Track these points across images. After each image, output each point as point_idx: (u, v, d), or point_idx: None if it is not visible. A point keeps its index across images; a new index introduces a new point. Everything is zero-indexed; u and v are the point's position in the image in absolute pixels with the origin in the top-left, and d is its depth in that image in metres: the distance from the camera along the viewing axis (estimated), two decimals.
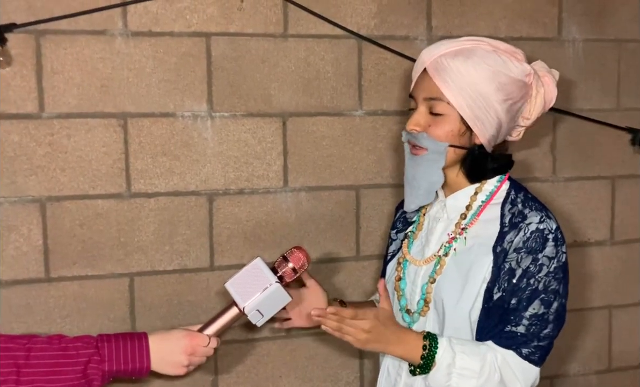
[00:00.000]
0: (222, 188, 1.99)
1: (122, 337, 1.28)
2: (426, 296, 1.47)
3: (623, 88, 2.31)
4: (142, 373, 1.28)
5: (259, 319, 1.38)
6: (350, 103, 2.06)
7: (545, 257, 1.38)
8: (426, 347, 1.36)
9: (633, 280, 2.38)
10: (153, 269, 1.95)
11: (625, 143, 2.32)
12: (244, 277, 1.39)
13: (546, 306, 1.37)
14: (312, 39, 2.01)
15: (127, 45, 1.88)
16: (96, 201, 1.90)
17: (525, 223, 1.40)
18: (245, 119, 1.99)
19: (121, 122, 1.90)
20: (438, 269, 1.46)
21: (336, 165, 2.06)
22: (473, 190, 1.50)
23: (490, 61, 1.42)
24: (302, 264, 1.44)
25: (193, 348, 1.32)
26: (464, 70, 1.40)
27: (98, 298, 1.92)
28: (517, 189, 1.49)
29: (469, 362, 1.35)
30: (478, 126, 1.43)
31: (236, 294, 1.37)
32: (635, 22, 2.29)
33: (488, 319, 1.39)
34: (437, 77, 1.42)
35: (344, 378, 2.14)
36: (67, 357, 1.20)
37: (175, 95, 1.93)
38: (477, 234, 1.45)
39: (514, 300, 1.37)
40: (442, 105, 1.42)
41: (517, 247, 1.38)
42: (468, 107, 1.41)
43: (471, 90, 1.40)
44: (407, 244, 1.58)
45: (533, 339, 1.37)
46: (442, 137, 1.43)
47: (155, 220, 1.95)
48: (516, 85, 1.44)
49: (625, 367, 2.41)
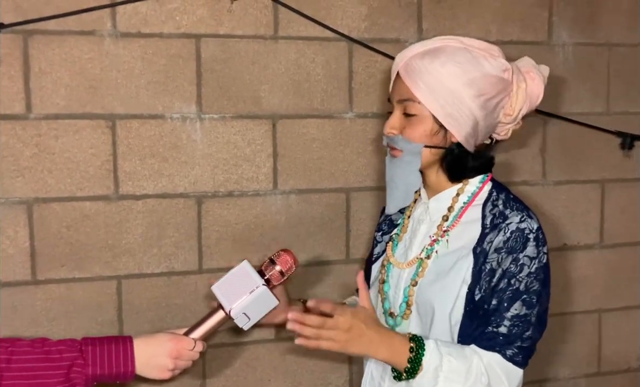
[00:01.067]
0: (211, 190, 1.98)
1: (106, 341, 1.26)
2: (408, 299, 1.45)
3: (613, 92, 2.31)
4: (127, 377, 1.26)
5: (246, 322, 1.36)
6: (341, 105, 2.06)
7: (526, 257, 1.36)
8: (413, 350, 1.32)
9: (623, 284, 2.39)
10: (141, 271, 1.94)
11: (614, 147, 2.32)
12: (231, 280, 1.38)
13: (528, 307, 1.35)
14: (302, 41, 2.01)
15: (116, 46, 1.87)
16: (84, 202, 1.88)
17: (505, 223, 1.38)
18: (234, 121, 1.98)
19: (109, 124, 1.88)
20: (420, 271, 1.44)
21: (326, 167, 2.06)
22: (455, 191, 1.49)
23: (458, 58, 1.40)
24: (290, 267, 1.42)
25: (178, 352, 1.30)
26: (432, 69, 1.39)
27: (85, 301, 1.90)
28: (499, 190, 1.47)
29: (456, 365, 1.32)
30: (452, 124, 1.41)
31: (222, 297, 1.36)
32: (625, 26, 2.30)
33: (470, 322, 1.37)
34: (407, 79, 1.42)
35: (333, 382, 2.13)
36: (50, 360, 1.18)
37: (164, 96, 1.92)
38: (458, 236, 1.44)
39: (495, 301, 1.35)
40: (414, 106, 1.42)
41: (498, 247, 1.37)
42: (439, 105, 1.40)
43: (441, 89, 1.39)
44: (392, 246, 1.57)
45: (516, 340, 1.35)
46: (417, 138, 1.42)
47: (143, 222, 1.93)
48: (488, 80, 1.41)
49: (615, 371, 2.41)
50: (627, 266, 2.38)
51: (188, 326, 1.45)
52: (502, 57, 1.46)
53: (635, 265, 2.39)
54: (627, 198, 2.36)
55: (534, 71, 1.49)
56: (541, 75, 1.50)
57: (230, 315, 1.34)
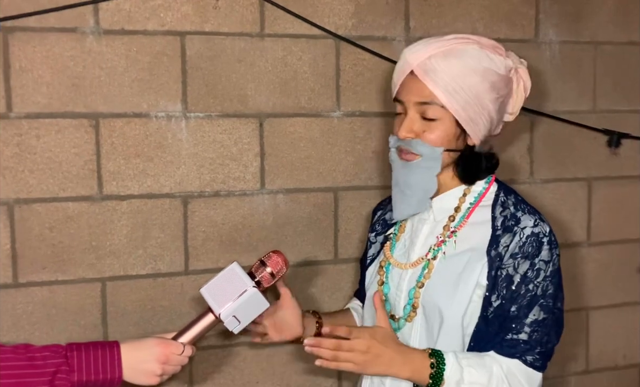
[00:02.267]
0: (197, 190, 1.94)
1: (92, 346, 1.22)
2: (414, 300, 1.42)
3: (599, 90, 2.31)
4: (114, 383, 1.22)
5: (236, 325, 1.33)
6: (328, 104, 2.03)
7: (541, 262, 1.35)
8: (434, 365, 1.31)
9: (610, 282, 2.39)
10: (126, 273, 1.90)
11: (601, 145, 2.33)
12: (220, 282, 1.35)
13: (546, 312, 1.35)
14: (289, 39, 1.98)
15: (99, 44, 1.83)
16: (66, 203, 1.84)
17: (519, 227, 1.37)
18: (221, 120, 1.95)
19: (92, 123, 1.84)
20: (426, 273, 1.42)
21: (314, 167, 2.03)
22: (461, 191, 1.47)
23: (481, 60, 1.38)
24: (280, 268, 1.40)
25: (167, 356, 1.27)
26: (457, 71, 1.36)
27: (68, 304, 1.86)
28: (507, 191, 1.46)
29: (476, 376, 1.31)
30: (472, 128, 1.39)
31: (212, 300, 1.32)
32: (611, 24, 2.31)
33: (487, 328, 1.35)
34: (428, 80, 1.37)
35: (322, 384, 2.10)
36: (34, 367, 1.15)
37: (149, 95, 1.88)
38: (467, 238, 1.41)
39: (514, 307, 1.34)
40: (435, 109, 1.37)
41: (514, 252, 1.35)
42: (462, 109, 1.37)
43: (465, 92, 1.36)
44: (390, 247, 1.54)
45: (536, 346, 1.34)
46: (437, 142, 1.38)
47: (128, 223, 1.89)
48: (503, 81, 1.41)
49: (602, 368, 2.41)
50: (614, 263, 2.39)
51: (175, 329, 1.42)
52: (505, 56, 1.45)
53: (623, 263, 2.40)
54: (614, 196, 2.37)
55: (521, 67, 1.49)
56: (526, 70, 1.50)
57: (220, 318, 1.31)
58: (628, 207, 2.39)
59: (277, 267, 1.39)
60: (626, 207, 2.38)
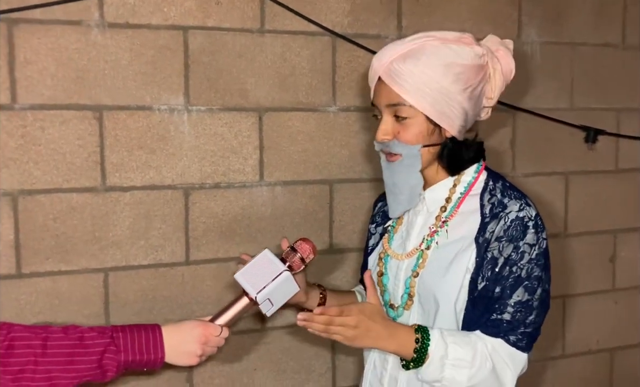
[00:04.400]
0: (198, 182, 1.98)
1: (136, 328, 1.26)
2: (410, 290, 1.48)
3: (576, 88, 2.44)
4: (157, 364, 1.27)
5: (269, 308, 1.39)
6: (325, 99, 2.10)
7: (526, 245, 1.40)
8: (418, 341, 1.37)
9: (585, 271, 2.52)
10: (128, 264, 1.93)
11: (578, 141, 2.45)
12: (254, 267, 1.40)
13: (530, 293, 1.40)
14: (288, 35, 2.04)
15: (104, 37, 1.85)
16: (70, 194, 1.86)
17: (505, 212, 1.42)
18: (221, 113, 1.99)
19: (97, 115, 1.87)
20: (421, 262, 1.48)
21: (311, 160, 2.09)
22: (452, 182, 1.52)
23: (440, 55, 1.41)
24: (309, 254, 1.47)
25: (206, 337, 1.32)
26: (417, 71, 1.40)
27: (71, 294, 1.88)
28: (495, 179, 1.51)
29: (461, 352, 1.37)
30: (445, 121, 1.44)
31: (247, 284, 1.37)
32: (588, 26, 2.43)
33: (474, 309, 1.41)
34: (393, 84, 1.42)
35: (316, 369, 2.17)
36: (84, 346, 1.18)
37: (152, 88, 1.91)
38: (458, 227, 1.47)
39: (498, 288, 1.39)
40: (405, 109, 1.42)
41: (499, 236, 1.41)
42: (430, 105, 1.41)
43: (429, 89, 1.40)
44: (388, 238, 1.59)
45: (519, 326, 1.39)
46: (413, 140, 1.43)
47: (130, 214, 1.92)
48: (472, 71, 1.44)
49: (577, 353, 2.54)
50: (589, 254, 2.52)
51: (177, 318, 1.45)
52: (475, 44, 1.47)
53: (597, 253, 2.53)
54: (590, 190, 2.50)
55: (502, 48, 1.52)
56: (508, 50, 1.53)
57: (256, 301, 1.36)
58: (603, 201, 2.52)
59: (307, 253, 1.46)
60: (601, 201, 2.52)
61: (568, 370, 2.53)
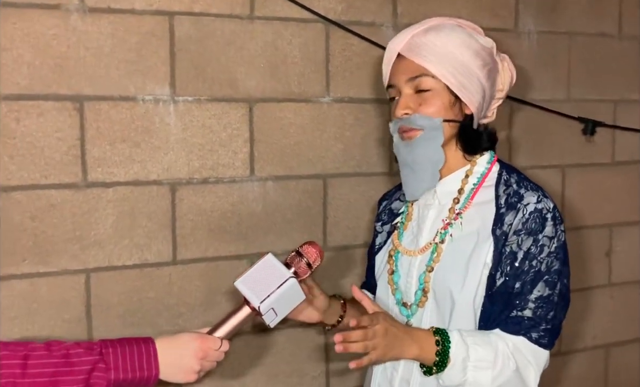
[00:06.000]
0: (186, 177, 1.88)
1: (127, 343, 1.15)
2: (424, 285, 1.42)
3: (573, 79, 2.38)
4: (150, 381, 1.15)
5: (273, 318, 1.27)
6: (318, 89, 2.00)
7: (545, 238, 1.36)
8: (439, 343, 1.30)
9: (581, 265, 2.46)
10: (111, 264, 1.82)
11: (575, 133, 2.39)
12: (256, 274, 1.28)
13: (550, 287, 1.35)
14: (279, 22, 1.94)
15: (84, 22, 1.73)
16: (49, 191, 1.74)
17: (522, 204, 1.38)
18: (210, 104, 1.89)
19: (77, 106, 1.75)
20: (435, 257, 1.42)
21: (304, 153, 2.00)
22: (464, 173, 1.48)
23: (458, 32, 1.44)
24: (316, 259, 1.36)
25: (205, 352, 1.21)
26: (439, 42, 1.41)
27: (51, 297, 1.76)
28: (509, 170, 1.48)
29: (482, 353, 1.31)
30: (465, 94, 1.42)
31: (249, 292, 1.25)
32: (585, 15, 2.37)
33: (493, 306, 1.36)
34: (415, 55, 1.42)
35: (309, 373, 2.08)
36: (69, 365, 1.07)
37: (136, 77, 1.80)
38: (473, 218, 1.42)
39: (518, 284, 1.35)
40: (427, 80, 1.41)
41: (517, 229, 1.36)
42: (452, 75, 1.40)
43: (451, 59, 1.40)
44: (397, 235, 1.53)
45: (541, 322, 1.35)
46: (435, 112, 1.41)
47: (113, 211, 1.81)
48: (487, 52, 1.46)
49: (573, 350, 2.49)
50: (585, 247, 2.46)
51: (163, 322, 1.36)
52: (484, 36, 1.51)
53: (593, 247, 2.48)
54: (586, 183, 2.44)
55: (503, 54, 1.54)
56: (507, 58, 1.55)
57: (259, 311, 1.25)
58: (599, 194, 2.46)
59: (313, 257, 1.35)
60: (597, 194, 2.46)
61: (564, 367, 2.48)
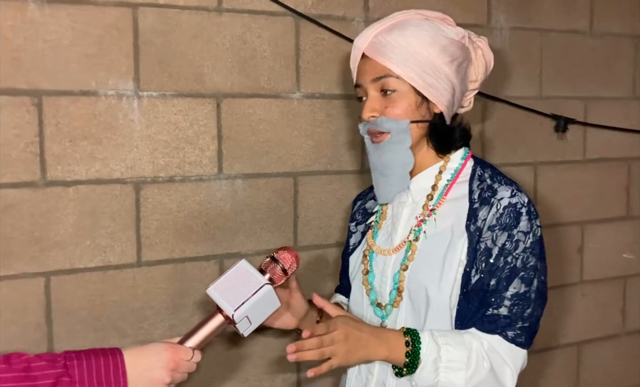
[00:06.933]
0: (151, 175, 1.81)
1: (93, 354, 1.08)
2: (399, 284, 1.38)
3: (545, 76, 2.36)
4: None
5: (247, 327, 1.21)
6: (288, 85, 1.95)
7: (520, 233, 1.32)
8: (409, 343, 1.27)
9: (553, 263, 2.43)
10: (72, 266, 1.74)
11: (547, 130, 2.38)
12: (229, 281, 1.22)
13: (527, 284, 1.31)
14: (247, 15, 1.88)
15: (42, 13, 1.65)
16: (5, 190, 1.65)
17: (496, 198, 1.34)
18: (175, 100, 1.82)
19: (35, 101, 1.67)
20: (410, 255, 1.38)
21: (273, 151, 1.94)
22: (437, 169, 1.44)
23: (425, 28, 1.39)
24: (292, 264, 1.30)
25: (176, 363, 1.14)
26: (403, 41, 1.36)
27: (8, 302, 1.68)
28: (483, 165, 1.45)
29: (455, 353, 1.27)
30: (432, 93, 1.37)
31: (222, 300, 1.19)
32: (556, 12, 2.35)
33: (468, 304, 1.32)
34: (379, 56, 1.37)
35: (280, 375, 2.03)
36: (31, 379, 0.99)
37: (98, 71, 1.72)
38: (446, 215, 1.38)
39: (493, 281, 1.31)
40: (392, 81, 1.36)
41: (491, 224, 1.33)
42: (418, 76, 1.35)
43: (416, 59, 1.35)
44: (372, 234, 1.49)
45: (517, 321, 1.31)
46: (402, 114, 1.37)
47: (74, 211, 1.73)
48: (456, 45, 1.41)
49: (546, 348, 2.48)
50: (557, 245, 2.45)
51: (128, 326, 1.30)
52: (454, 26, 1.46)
53: (565, 244, 2.47)
54: (558, 180, 2.43)
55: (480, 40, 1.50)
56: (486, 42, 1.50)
57: (233, 319, 1.19)
58: (571, 191, 2.46)
59: (289, 263, 1.29)
60: (569, 191, 2.45)
61: (535, 367, 2.47)
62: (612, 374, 2.63)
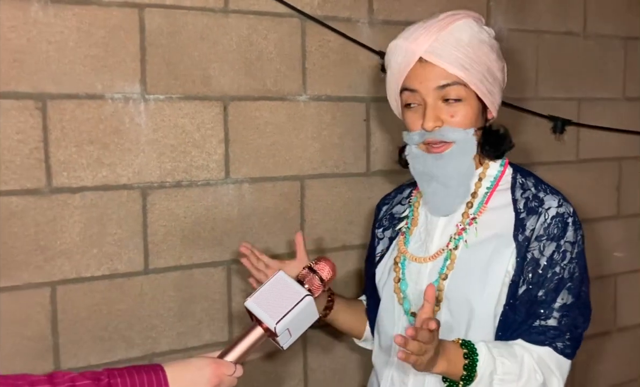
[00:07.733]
0: (157, 181, 1.76)
1: (135, 371, 1.04)
2: (438, 294, 1.34)
3: (541, 78, 2.38)
4: None
5: (287, 339, 1.18)
6: (294, 87, 1.92)
7: (567, 243, 1.31)
8: (467, 356, 1.24)
9: None
10: (79, 275, 1.68)
11: (543, 131, 2.40)
12: (268, 293, 1.18)
13: (574, 295, 1.31)
14: (254, 16, 1.84)
15: (46, 14, 1.59)
16: (9, 198, 1.59)
17: (544, 208, 1.33)
18: (182, 103, 1.77)
19: (39, 105, 1.61)
20: (449, 264, 1.34)
21: (280, 154, 1.91)
22: (477, 176, 1.41)
23: (481, 32, 1.36)
24: (329, 274, 1.28)
25: (219, 378, 1.10)
26: (467, 46, 1.31)
27: (12, 314, 1.61)
28: (524, 173, 1.43)
29: (509, 365, 1.25)
30: (490, 100, 1.36)
31: (262, 312, 1.15)
32: (551, 14, 2.37)
33: (515, 315, 1.30)
34: (443, 62, 1.30)
35: (287, 382, 2.00)
36: None
37: (104, 74, 1.67)
38: (489, 224, 1.36)
39: (542, 292, 1.29)
40: (458, 89, 1.31)
41: (539, 234, 1.31)
42: (481, 82, 1.32)
43: (479, 65, 1.32)
44: (404, 241, 1.45)
45: (566, 332, 1.30)
46: (468, 123, 1.32)
47: (80, 219, 1.67)
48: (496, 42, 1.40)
49: None
50: None
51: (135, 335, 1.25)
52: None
53: None
54: (553, 181, 2.43)
55: None
56: None
57: (275, 331, 1.15)
58: (564, 192, 2.46)
59: (326, 274, 1.26)
60: (563, 191, 2.46)
61: None
62: (603, 371, 2.67)
